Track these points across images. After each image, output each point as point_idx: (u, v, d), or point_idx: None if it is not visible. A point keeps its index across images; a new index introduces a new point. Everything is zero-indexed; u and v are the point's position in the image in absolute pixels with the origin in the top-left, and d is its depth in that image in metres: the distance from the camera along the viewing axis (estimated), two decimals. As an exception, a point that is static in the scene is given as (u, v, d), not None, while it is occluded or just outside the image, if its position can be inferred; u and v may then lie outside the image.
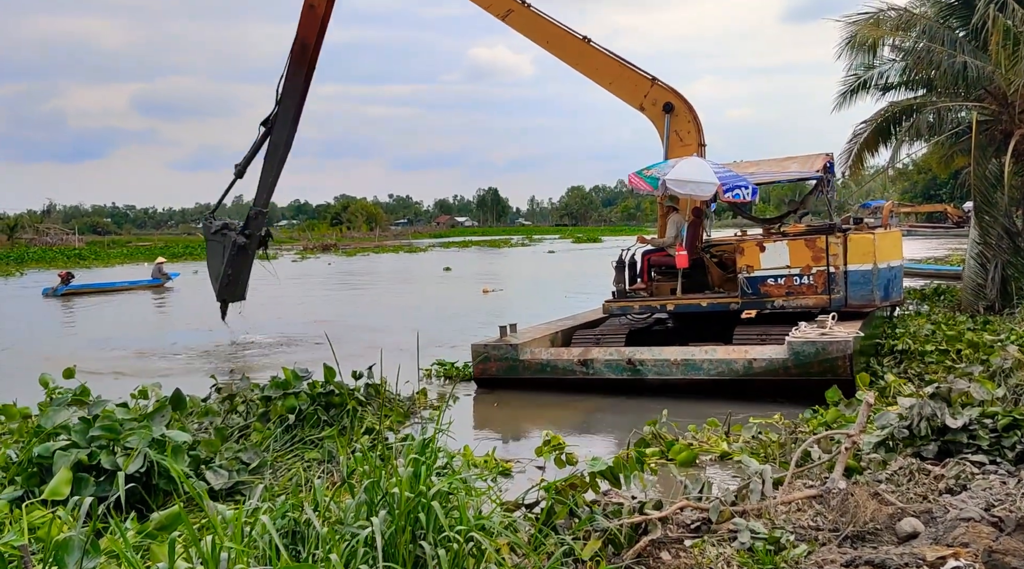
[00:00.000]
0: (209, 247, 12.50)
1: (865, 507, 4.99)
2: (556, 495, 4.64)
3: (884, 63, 20.19)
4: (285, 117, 12.42)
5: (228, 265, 12.03)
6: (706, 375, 10.44)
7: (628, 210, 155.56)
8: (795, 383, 9.94)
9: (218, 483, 6.19)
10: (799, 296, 11.71)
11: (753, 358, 10.22)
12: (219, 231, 12.19)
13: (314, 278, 38.76)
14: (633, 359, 10.85)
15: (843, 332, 10.03)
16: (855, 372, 9.71)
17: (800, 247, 11.79)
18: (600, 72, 14.03)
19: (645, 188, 11.96)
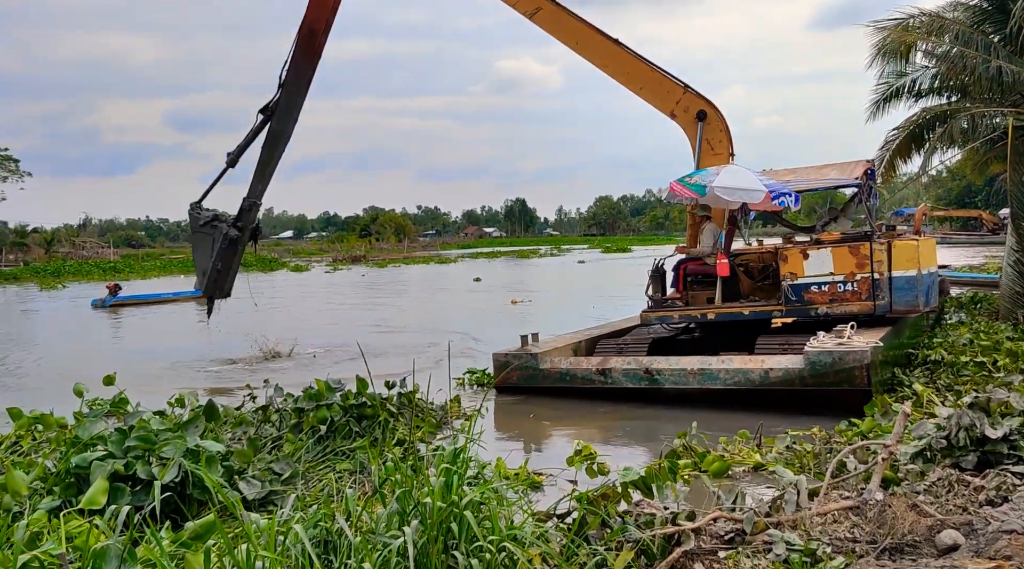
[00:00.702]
0: (195, 240, 11.68)
1: (903, 519, 4.90)
2: (588, 505, 4.61)
3: (917, 69, 19.95)
4: (288, 105, 11.80)
5: (218, 259, 11.23)
6: (723, 385, 10.43)
7: (657, 219, 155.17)
8: (812, 393, 9.88)
9: (251, 493, 6.23)
10: (843, 303, 11.74)
11: (769, 368, 10.16)
12: (209, 223, 11.40)
13: (349, 288, 39.23)
14: (650, 368, 10.89)
15: (861, 342, 9.93)
16: (875, 382, 9.63)
17: (844, 254, 11.84)
18: (631, 76, 13.60)
19: (690, 195, 11.88)
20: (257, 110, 11.77)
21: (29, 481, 5.95)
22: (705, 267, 12.56)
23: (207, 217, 11.50)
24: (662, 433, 8.78)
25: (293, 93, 11.94)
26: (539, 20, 13.58)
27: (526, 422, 10.40)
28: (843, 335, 10.26)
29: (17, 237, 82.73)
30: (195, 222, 11.65)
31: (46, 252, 77.95)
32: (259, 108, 11.78)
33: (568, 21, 13.51)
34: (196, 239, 11.71)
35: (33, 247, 79.94)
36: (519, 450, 8.92)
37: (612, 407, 10.75)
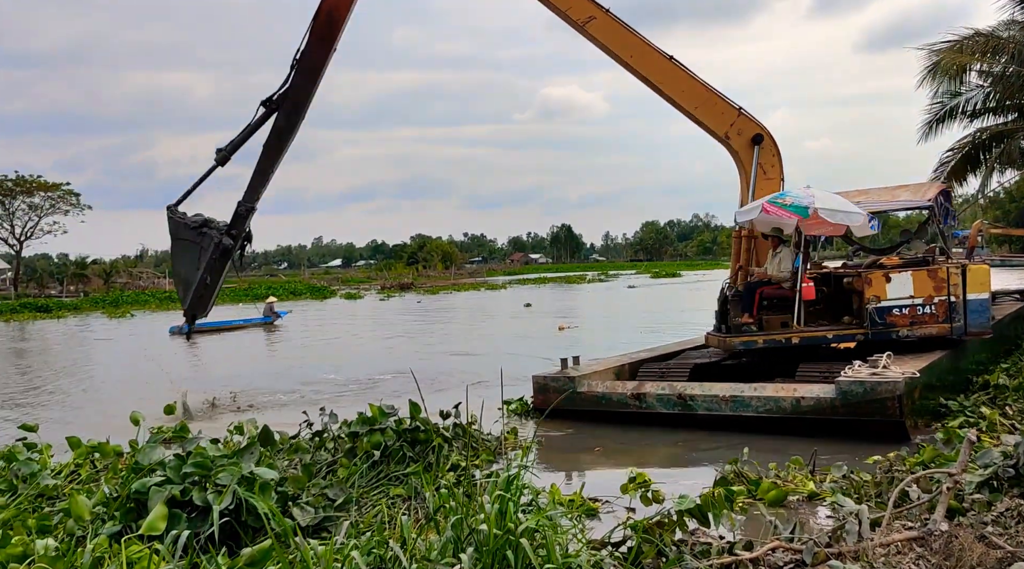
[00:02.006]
0: (178, 247, 10.19)
1: (971, 550, 4.74)
2: (643, 534, 4.54)
3: (971, 90, 19.60)
4: (298, 98, 10.49)
5: (207, 271, 9.99)
6: (754, 412, 10.40)
7: (704, 244, 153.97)
8: (844, 423, 9.77)
9: (305, 519, 6.26)
10: (922, 325, 11.92)
11: (801, 396, 10.11)
12: (197, 229, 10.00)
13: (409, 316, 39.81)
14: (683, 394, 10.93)
15: (897, 372, 9.82)
16: (910, 413, 9.57)
17: (923, 277, 12.03)
18: (686, 95, 13.10)
19: (789, 216, 11.81)
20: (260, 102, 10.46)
21: (91, 506, 6.07)
22: (781, 291, 12.39)
23: (195, 222, 10.21)
24: (717, 460, 8.63)
25: (305, 84, 10.71)
26: (593, 30, 12.95)
27: (580, 450, 10.32)
28: (878, 365, 10.11)
29: (78, 269, 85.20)
30: (178, 228, 10.24)
31: (105, 283, 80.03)
32: (262, 100, 10.39)
33: (623, 33, 12.91)
34: (179, 247, 10.33)
35: (93, 278, 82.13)
36: (574, 477, 8.84)
37: (669, 434, 10.64)
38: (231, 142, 10.33)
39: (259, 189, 10.48)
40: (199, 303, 10.47)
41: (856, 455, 8.47)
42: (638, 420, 11.16)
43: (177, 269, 10.50)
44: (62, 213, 76.43)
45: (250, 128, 10.43)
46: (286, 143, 10.53)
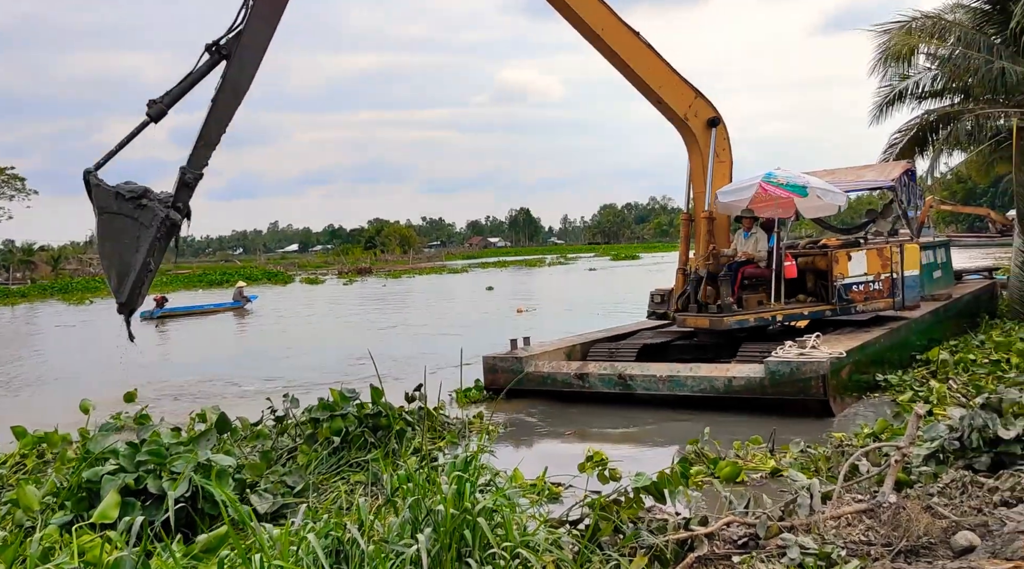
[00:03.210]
0: (109, 224, 8.12)
1: (918, 521, 4.87)
2: (600, 511, 4.59)
3: (919, 72, 19.95)
4: (254, 43, 8.88)
5: (150, 254, 8.08)
6: (690, 391, 10.83)
7: (661, 226, 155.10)
8: (772, 401, 10.22)
9: (263, 506, 6.23)
10: (874, 300, 12.82)
11: (733, 376, 10.56)
12: (135, 200, 8.03)
13: (377, 299, 39.60)
14: (624, 374, 11.30)
15: (824, 353, 10.29)
16: (834, 391, 10.05)
17: (874, 255, 12.91)
18: (652, 73, 12.78)
19: (786, 195, 12.18)
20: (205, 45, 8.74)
21: (40, 496, 5.96)
22: (759, 270, 12.72)
23: (131, 192, 8.15)
24: (679, 439, 8.78)
25: (263, 27, 9.14)
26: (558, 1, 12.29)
27: (548, 433, 10.38)
28: (806, 345, 10.57)
29: (24, 255, 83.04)
30: (107, 198, 8.10)
31: (53, 269, 78.12)
32: (207, 43, 8.73)
33: (595, 4, 12.41)
34: (111, 224, 8.15)
35: (40, 265, 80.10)
36: (540, 459, 8.90)
37: (640, 413, 10.81)
38: (169, 93, 8.51)
39: (207, 152, 8.70)
40: (138, 294, 8.33)
41: (798, 431, 8.71)
42: (611, 401, 11.34)
43: (107, 251, 8.24)
44: (7, 198, 74.25)
45: (193, 77, 8.64)
46: (240, 96, 8.91)
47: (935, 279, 16.80)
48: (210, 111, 8.69)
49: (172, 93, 8.62)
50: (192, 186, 8.68)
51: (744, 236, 12.96)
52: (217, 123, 8.73)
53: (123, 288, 8.18)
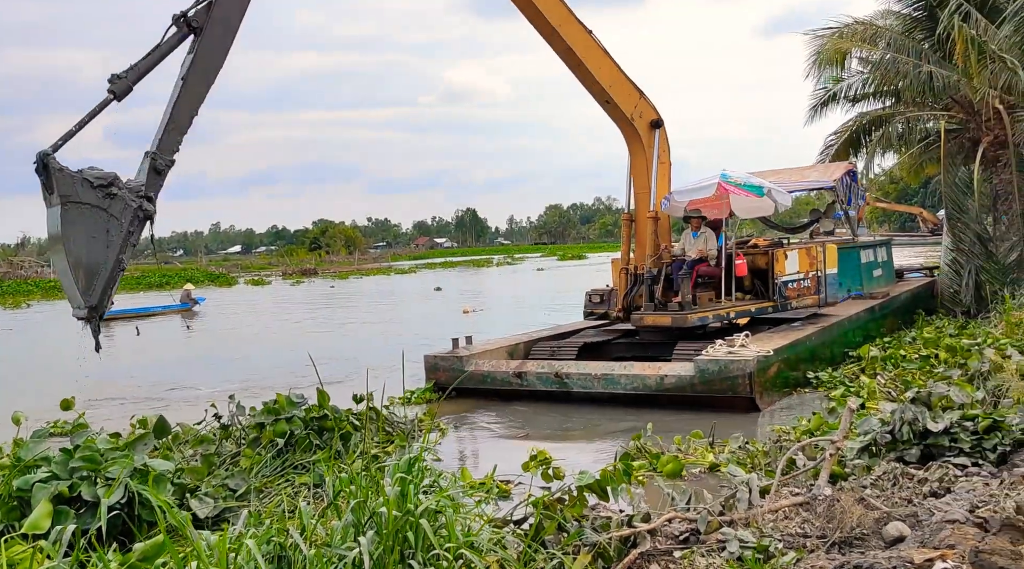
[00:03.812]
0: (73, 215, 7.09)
1: (851, 513, 5.01)
2: (544, 510, 4.62)
3: (852, 75, 20.54)
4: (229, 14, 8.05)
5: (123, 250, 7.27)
6: (623, 389, 11.06)
7: (606, 227, 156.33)
8: (702, 399, 10.50)
9: (203, 511, 6.11)
10: (804, 297, 13.49)
11: (664, 374, 10.82)
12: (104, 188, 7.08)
13: (328, 300, 39.11)
14: (560, 373, 11.51)
15: (752, 351, 10.62)
16: (760, 388, 10.40)
17: (804, 255, 13.63)
18: (603, 72, 12.68)
19: (747, 195, 12.66)
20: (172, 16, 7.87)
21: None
22: (711, 269, 13.02)
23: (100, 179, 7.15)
24: (624, 434, 8.90)
25: None
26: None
27: (500, 431, 10.41)
28: (735, 344, 10.89)
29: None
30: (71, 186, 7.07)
31: (-19, 273, 75.42)
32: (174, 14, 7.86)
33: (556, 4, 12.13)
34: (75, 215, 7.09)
35: (-33, 268, 77.32)
36: (492, 458, 8.91)
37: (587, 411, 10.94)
38: (134, 67, 7.59)
39: (179, 136, 7.83)
40: (108, 295, 7.43)
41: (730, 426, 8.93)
42: (560, 400, 11.50)
43: (72, 247, 7.09)
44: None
45: (160, 51, 7.75)
46: (212, 75, 8.08)
47: (875, 277, 17.31)
48: (180, 92, 7.81)
49: (138, 68, 7.69)
50: (163, 174, 7.81)
51: (693, 236, 13.20)
52: (188, 104, 7.87)
53: (92, 289, 7.22)
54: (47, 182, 7.11)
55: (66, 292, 7.50)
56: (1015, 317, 12.28)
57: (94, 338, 7.62)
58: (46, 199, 7.24)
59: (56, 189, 7.05)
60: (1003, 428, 6.36)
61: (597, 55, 12.70)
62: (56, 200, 7.10)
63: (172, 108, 7.80)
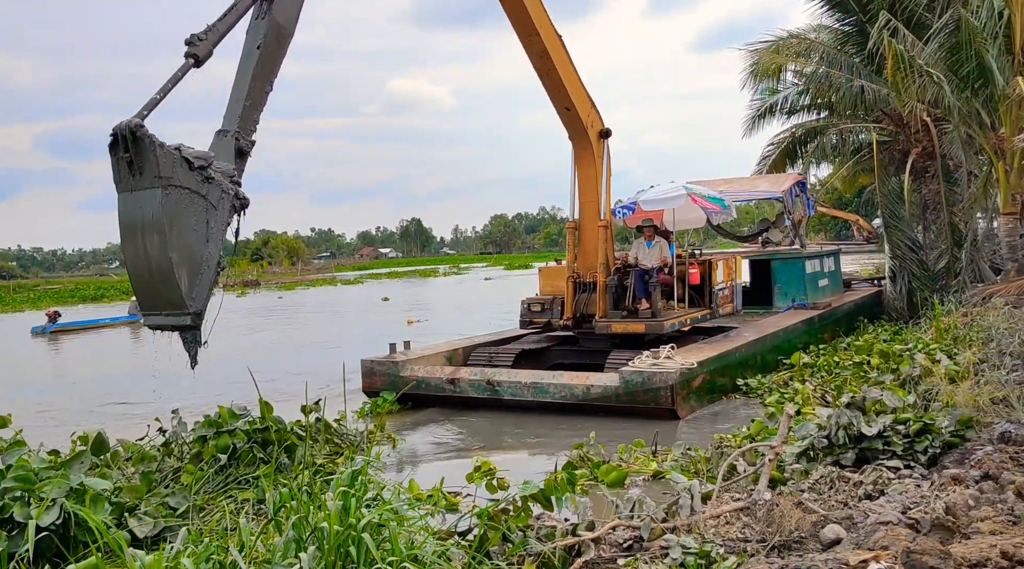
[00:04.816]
0: (170, 202, 5.85)
1: (790, 517, 5.12)
2: (489, 521, 4.63)
3: (788, 88, 21.09)
4: None
5: (216, 243, 6.18)
6: (552, 398, 11.21)
7: (551, 236, 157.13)
8: (627, 409, 10.69)
9: (142, 530, 5.96)
10: (725, 305, 14.11)
11: (591, 384, 10.99)
12: (202, 170, 5.97)
13: (267, 311, 38.47)
14: (492, 380, 11.63)
15: (676, 363, 10.86)
16: (683, 399, 10.63)
17: (727, 264, 14.31)
18: (570, 79, 12.68)
19: (712, 207, 13.56)
20: None
21: None
22: (667, 277, 13.27)
23: (201, 159, 6.03)
24: (569, 442, 8.94)
25: None
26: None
27: (452, 441, 10.37)
28: (660, 356, 11.12)
29: None
30: (172, 166, 5.85)
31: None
32: None
33: (538, 5, 12.11)
34: (172, 202, 5.85)
35: None
36: (441, 469, 8.88)
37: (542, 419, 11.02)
38: (212, 28, 6.59)
39: (257, 113, 6.92)
40: (208, 298, 6.31)
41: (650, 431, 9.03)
42: (514, 409, 11.53)
43: (174, 240, 5.90)
44: None
45: (237, 12, 6.81)
46: (285, 42, 7.19)
47: (820, 288, 17.65)
48: (258, 61, 6.86)
49: (217, 29, 6.66)
50: (247, 156, 6.91)
51: (647, 245, 13.37)
52: (264, 76, 6.95)
53: (196, 291, 6.09)
54: (135, 159, 5.83)
55: (144, 295, 6.28)
56: (944, 323, 12.68)
57: (191, 352, 6.48)
58: (124, 180, 5.95)
59: (156, 168, 5.80)
60: (933, 431, 6.57)
61: (567, 61, 12.79)
62: (151, 181, 5.86)
63: (250, 80, 6.84)
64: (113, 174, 5.96)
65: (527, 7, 11.87)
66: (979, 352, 9.78)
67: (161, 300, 6.15)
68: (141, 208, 5.94)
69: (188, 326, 6.25)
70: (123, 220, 6.02)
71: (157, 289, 6.13)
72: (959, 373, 9.09)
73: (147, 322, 6.40)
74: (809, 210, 18.63)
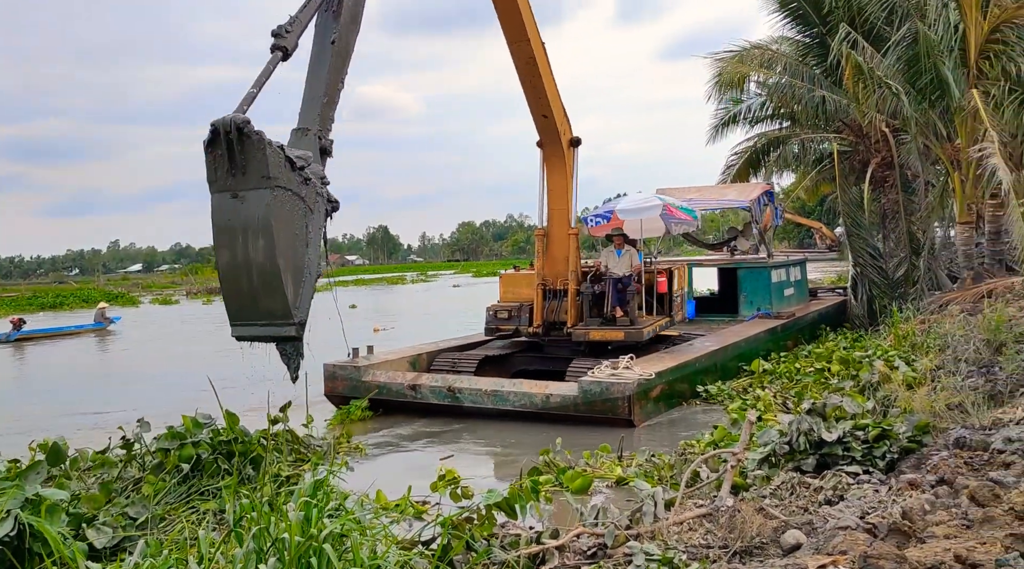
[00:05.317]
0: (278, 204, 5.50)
1: (751, 522, 5.17)
2: (452, 530, 4.62)
3: (751, 98, 21.39)
4: None
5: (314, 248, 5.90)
6: (511, 406, 11.24)
7: (519, 244, 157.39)
8: (585, 418, 10.73)
9: (100, 541, 5.86)
10: (678, 312, 14.39)
11: (550, 393, 11.04)
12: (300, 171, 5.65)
13: None
14: (453, 387, 11.65)
15: (635, 373, 10.92)
16: (638, 412, 10.68)
17: (681, 273, 14.55)
18: (550, 87, 12.88)
19: (684, 218, 13.92)
20: None
21: None
22: (637, 285, 13.38)
23: (300, 159, 5.70)
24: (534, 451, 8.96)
25: None
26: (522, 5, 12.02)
27: (420, 449, 10.33)
28: (619, 366, 11.19)
29: None
30: (280, 166, 5.51)
31: None
32: None
33: (529, 8, 12.24)
34: (279, 203, 5.49)
35: None
36: (410, 477, 8.83)
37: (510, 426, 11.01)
38: (295, 21, 6.33)
39: (332, 111, 6.60)
40: (309, 303, 5.88)
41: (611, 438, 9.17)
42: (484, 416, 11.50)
43: (282, 245, 5.50)
44: None
45: (315, 2, 6.59)
46: (355, 34, 6.96)
47: (785, 297, 17.85)
48: (332, 59, 6.55)
49: (300, 20, 6.40)
50: (329, 155, 6.58)
51: (617, 254, 13.46)
52: (338, 73, 6.63)
53: (301, 300, 5.70)
54: (239, 157, 5.44)
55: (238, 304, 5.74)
56: (902, 330, 12.91)
57: (292, 364, 5.93)
58: (220, 180, 5.52)
59: (265, 168, 5.42)
60: (891, 436, 6.69)
61: (548, 69, 12.91)
62: (256, 181, 5.47)
63: (327, 75, 6.52)
64: (208, 173, 5.52)
65: (521, 12, 11.98)
66: (936, 359, 9.97)
67: (261, 309, 5.67)
68: (243, 210, 5.49)
69: (292, 337, 5.76)
70: (219, 222, 5.55)
71: (257, 298, 5.64)
72: (916, 379, 9.27)
73: (239, 333, 5.85)
74: (776, 219, 18.90)
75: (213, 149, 5.44)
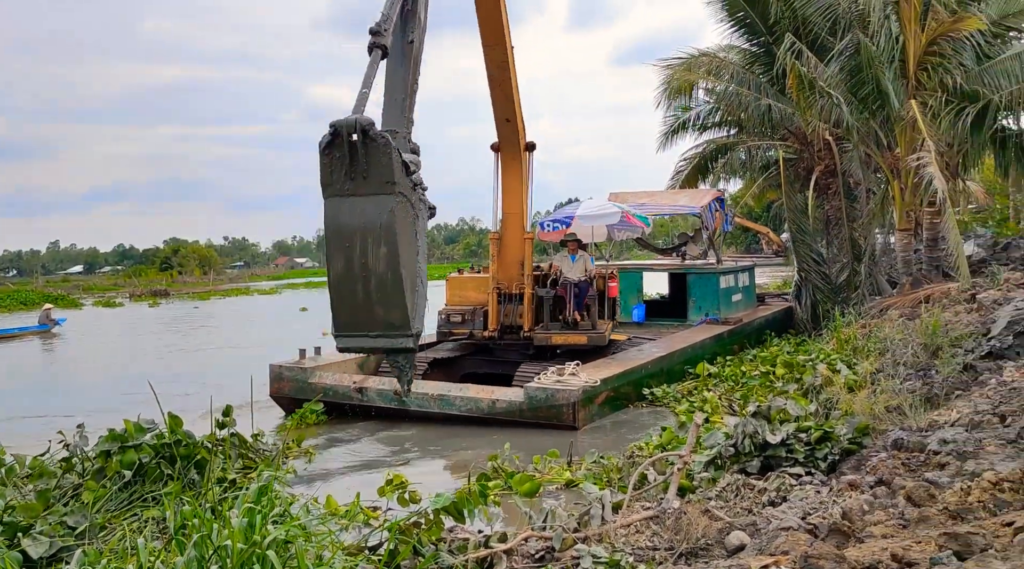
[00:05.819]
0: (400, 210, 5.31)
1: (697, 524, 5.24)
2: (400, 535, 4.59)
3: (700, 105, 21.71)
4: None
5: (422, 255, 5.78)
6: (458, 411, 11.28)
7: (470, 247, 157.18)
8: (531, 424, 10.83)
9: (37, 551, 5.69)
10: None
11: (496, 399, 11.13)
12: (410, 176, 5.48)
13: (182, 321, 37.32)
14: (399, 390, 11.41)
15: (580, 380, 11.06)
16: (583, 417, 10.79)
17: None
18: (515, 91, 12.91)
19: (639, 225, 14.29)
20: None
21: None
22: (592, 290, 13.56)
23: (414, 164, 5.56)
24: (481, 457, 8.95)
25: None
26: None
27: (371, 453, 10.25)
28: (565, 372, 11.31)
29: None
30: (399, 169, 5.29)
31: None
32: None
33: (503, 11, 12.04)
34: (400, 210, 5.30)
35: None
36: (359, 483, 8.76)
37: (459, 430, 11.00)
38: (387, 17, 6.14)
39: (412, 112, 6.41)
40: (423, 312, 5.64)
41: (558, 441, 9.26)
42: (435, 420, 11.50)
43: (404, 254, 5.28)
44: None
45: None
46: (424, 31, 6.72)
47: (733, 303, 18.10)
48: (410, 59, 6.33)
49: (390, 18, 6.09)
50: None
51: (572, 259, 13.52)
52: (416, 73, 6.39)
53: (417, 310, 5.43)
54: (363, 161, 5.16)
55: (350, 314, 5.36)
56: (844, 334, 13.21)
57: (405, 377, 5.51)
58: (336, 183, 5.22)
59: (390, 173, 5.16)
60: (833, 438, 6.83)
61: (515, 74, 12.88)
62: (379, 186, 5.20)
63: (406, 75, 6.27)
64: (322, 175, 5.21)
65: (501, 16, 11.97)
66: (876, 362, 10.22)
67: (376, 320, 5.30)
68: (363, 215, 5.19)
69: (408, 349, 5.41)
70: (335, 228, 5.24)
71: (373, 308, 5.27)
72: (857, 382, 9.49)
73: (347, 344, 5.38)
74: (726, 226, 19.20)
75: (331, 151, 5.15)
